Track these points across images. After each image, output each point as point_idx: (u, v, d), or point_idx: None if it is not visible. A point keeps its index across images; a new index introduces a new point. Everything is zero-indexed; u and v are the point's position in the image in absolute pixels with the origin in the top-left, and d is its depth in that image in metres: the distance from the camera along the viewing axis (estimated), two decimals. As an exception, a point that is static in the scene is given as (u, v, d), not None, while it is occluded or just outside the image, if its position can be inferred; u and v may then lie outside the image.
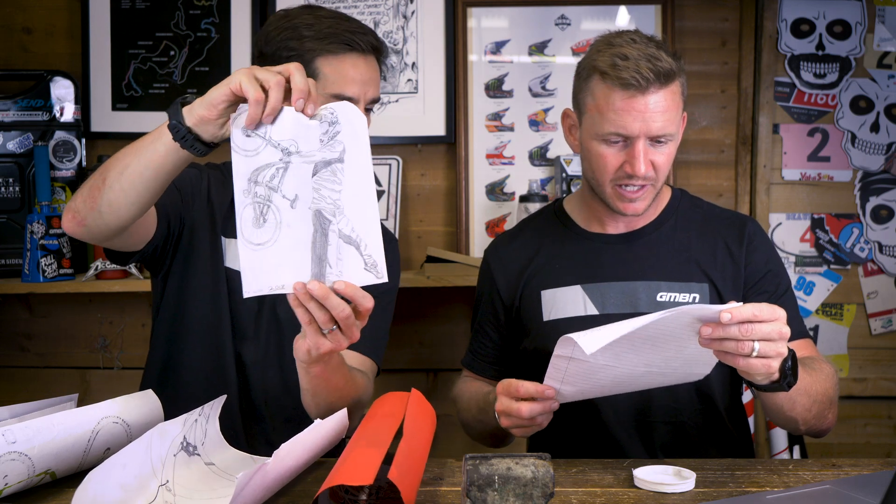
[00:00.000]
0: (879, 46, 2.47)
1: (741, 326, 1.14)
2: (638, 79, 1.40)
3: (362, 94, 1.53)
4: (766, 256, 1.57)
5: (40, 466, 1.16)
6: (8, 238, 2.38)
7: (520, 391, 1.30)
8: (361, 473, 1.00)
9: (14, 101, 2.42)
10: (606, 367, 1.24)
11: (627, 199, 1.49)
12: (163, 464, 1.15)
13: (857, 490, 1.18)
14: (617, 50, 1.44)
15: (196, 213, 1.60)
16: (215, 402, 1.29)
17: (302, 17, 1.53)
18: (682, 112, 1.50)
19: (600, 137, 1.47)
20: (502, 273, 1.65)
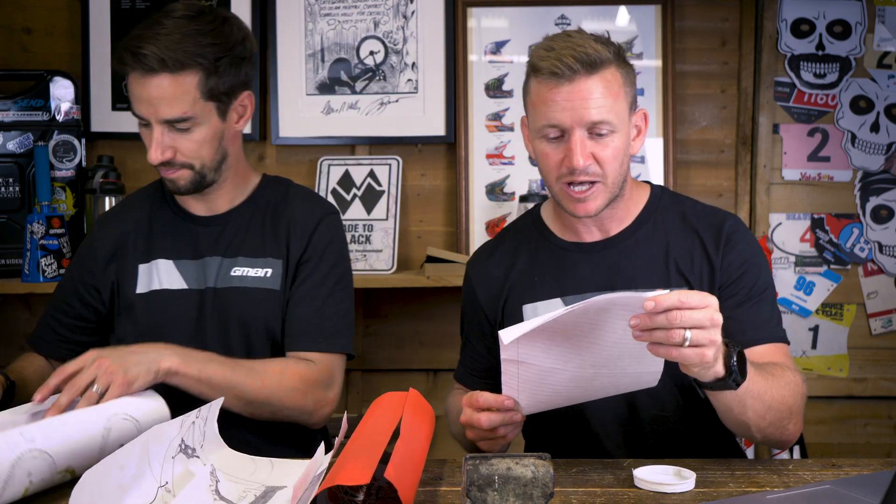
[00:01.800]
0: (879, 46, 2.47)
1: (669, 314, 1.10)
2: (560, 67, 1.38)
3: (151, 113, 1.51)
4: (742, 257, 1.50)
5: (61, 464, 1.18)
6: (8, 238, 2.38)
7: (479, 402, 1.29)
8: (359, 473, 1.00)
9: (14, 101, 2.42)
10: (555, 371, 1.23)
11: (575, 199, 1.45)
12: (161, 466, 1.15)
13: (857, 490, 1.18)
14: (546, 43, 1.43)
15: (102, 274, 1.65)
16: (213, 405, 1.29)
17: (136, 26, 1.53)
18: (626, 103, 1.44)
19: (539, 134, 1.44)
20: (483, 288, 1.61)
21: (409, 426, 1.19)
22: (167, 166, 1.55)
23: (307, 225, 1.65)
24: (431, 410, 1.35)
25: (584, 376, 1.26)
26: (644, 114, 1.52)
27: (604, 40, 1.43)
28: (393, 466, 1.03)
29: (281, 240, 1.64)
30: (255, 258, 1.62)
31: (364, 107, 2.50)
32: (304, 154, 2.53)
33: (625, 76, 1.44)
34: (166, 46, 1.47)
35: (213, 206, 1.66)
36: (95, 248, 1.67)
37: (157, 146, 1.52)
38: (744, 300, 1.48)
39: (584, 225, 1.54)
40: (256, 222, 1.65)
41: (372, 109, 2.50)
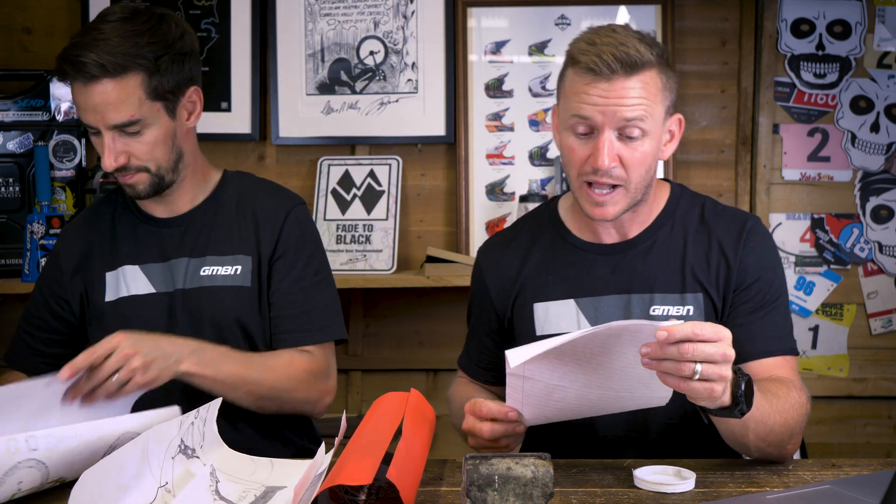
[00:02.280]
0: (879, 46, 2.47)
1: (680, 347, 1.08)
2: (598, 64, 1.34)
3: (99, 120, 1.49)
4: (760, 261, 1.47)
5: (54, 474, 1.17)
6: (8, 238, 2.38)
7: (483, 411, 1.27)
8: (360, 473, 1.00)
9: (14, 101, 2.42)
10: (560, 388, 1.21)
11: (595, 202, 1.41)
12: (160, 466, 1.15)
13: (857, 490, 1.18)
14: (588, 36, 1.39)
15: (69, 285, 1.63)
16: (210, 405, 1.29)
17: (74, 35, 1.51)
18: (664, 109, 1.41)
19: (567, 126, 1.40)
20: (494, 280, 1.58)
21: (411, 427, 1.19)
22: (123, 172, 1.53)
23: (275, 219, 1.64)
24: (432, 411, 1.35)
25: (591, 396, 1.24)
26: (679, 119, 1.47)
27: (649, 41, 1.39)
28: (395, 467, 1.03)
29: (249, 235, 1.62)
30: (224, 256, 1.61)
31: (364, 107, 2.50)
32: (304, 154, 2.53)
33: (665, 80, 1.40)
34: (105, 51, 1.45)
35: (175, 207, 1.64)
36: (61, 260, 1.65)
37: (109, 153, 1.50)
38: (756, 307, 1.45)
39: (602, 226, 1.50)
40: (221, 219, 1.64)
41: (372, 109, 2.50)
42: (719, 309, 1.47)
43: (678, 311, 1.45)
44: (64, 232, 1.72)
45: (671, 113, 1.45)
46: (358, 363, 2.57)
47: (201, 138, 2.61)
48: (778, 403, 1.30)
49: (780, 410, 1.29)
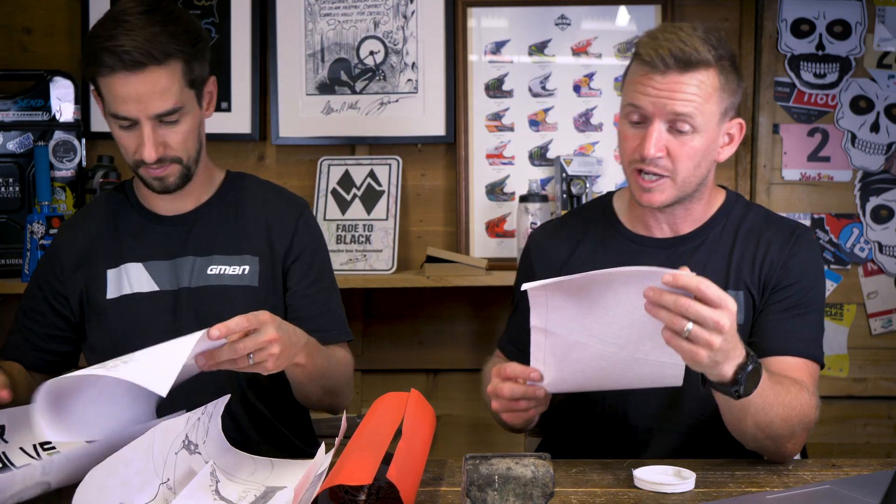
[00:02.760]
0: (879, 46, 2.47)
1: (678, 300, 1.12)
2: (654, 57, 1.39)
3: (140, 111, 1.47)
4: (803, 266, 1.49)
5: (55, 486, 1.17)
6: (8, 238, 2.38)
7: (507, 371, 1.30)
8: (360, 473, 1.00)
9: (14, 101, 2.42)
10: (579, 345, 1.24)
11: (641, 188, 1.45)
12: (164, 462, 1.15)
13: (856, 490, 1.18)
14: (653, 31, 1.44)
15: (69, 282, 1.62)
16: (218, 402, 1.29)
17: (102, 25, 1.48)
18: (718, 108, 1.44)
19: (623, 114, 1.47)
20: (542, 263, 1.61)
21: (411, 427, 1.19)
22: (158, 164, 1.52)
23: (287, 223, 1.65)
24: (432, 411, 1.35)
25: (607, 356, 1.25)
26: (741, 124, 1.51)
27: (713, 42, 1.42)
28: (395, 467, 1.03)
29: (259, 237, 1.63)
30: (231, 256, 1.61)
31: (364, 107, 2.50)
32: (304, 154, 2.53)
33: (724, 82, 1.44)
34: (147, 39, 1.44)
35: (180, 205, 1.63)
36: (61, 256, 1.63)
37: (151, 144, 1.48)
38: (789, 307, 1.47)
39: (655, 220, 1.54)
40: (227, 220, 1.64)
41: (372, 109, 2.50)
42: (757, 305, 1.50)
43: None
44: (63, 228, 1.71)
45: (731, 116, 1.49)
46: (358, 363, 2.55)
47: (201, 138, 2.60)
48: (784, 397, 1.30)
49: (784, 404, 1.29)
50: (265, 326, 1.29)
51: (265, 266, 1.62)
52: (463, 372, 2.55)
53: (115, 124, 1.50)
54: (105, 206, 1.69)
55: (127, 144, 1.51)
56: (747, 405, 1.24)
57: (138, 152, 1.50)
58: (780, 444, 1.34)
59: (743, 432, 1.32)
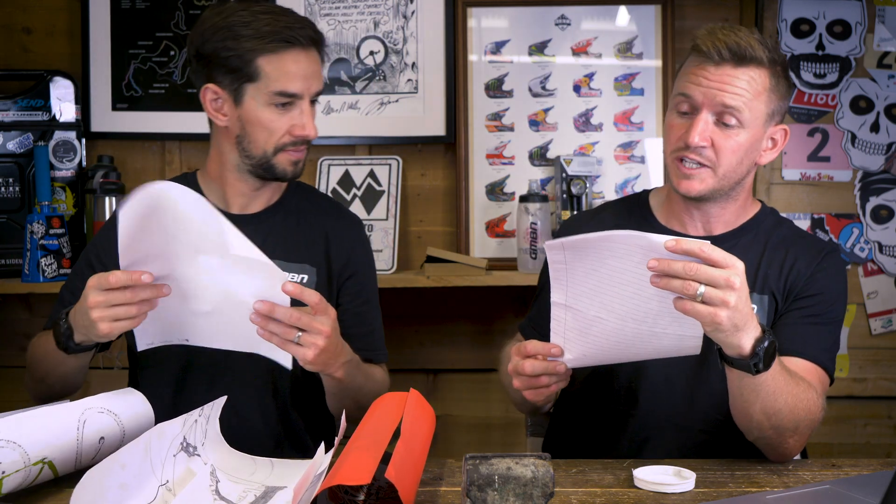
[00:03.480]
0: (879, 46, 2.47)
1: (686, 265, 1.13)
2: (710, 49, 1.41)
3: (306, 88, 1.54)
4: (829, 281, 1.51)
5: (34, 454, 1.16)
6: (8, 238, 2.38)
7: (528, 348, 1.32)
8: (359, 473, 1.00)
9: (14, 101, 2.42)
10: (598, 320, 1.26)
11: (682, 175, 1.46)
12: (162, 464, 1.15)
13: (856, 490, 1.18)
14: (712, 27, 1.46)
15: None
16: (215, 403, 1.29)
17: (237, 14, 1.52)
18: (766, 108, 1.46)
19: (672, 105, 1.48)
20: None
21: (410, 426, 1.19)
22: (304, 144, 1.58)
23: (346, 240, 1.68)
24: (432, 411, 1.35)
25: (626, 331, 1.27)
26: (785, 130, 1.53)
27: (769, 45, 1.45)
28: (394, 467, 1.03)
29: (318, 249, 1.65)
30: (291, 263, 1.62)
31: (364, 107, 2.50)
32: (304, 154, 2.53)
33: (775, 84, 1.46)
34: (306, 25, 1.54)
35: (251, 205, 1.65)
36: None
37: (312, 121, 1.56)
38: (809, 316, 1.48)
39: (689, 216, 1.55)
40: (288, 227, 1.66)
41: (372, 109, 2.50)
42: (780, 310, 1.51)
43: None
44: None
45: (777, 121, 1.51)
46: (358, 363, 2.57)
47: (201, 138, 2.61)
48: (794, 388, 1.31)
49: (793, 394, 1.31)
50: (325, 318, 1.33)
51: (322, 278, 1.64)
52: (463, 372, 2.55)
53: (270, 105, 1.54)
54: None
55: (277, 126, 1.55)
56: (758, 387, 1.25)
57: (294, 131, 1.55)
58: (783, 438, 1.34)
59: (749, 418, 1.32)
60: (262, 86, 1.51)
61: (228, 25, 1.50)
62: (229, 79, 1.53)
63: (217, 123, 1.59)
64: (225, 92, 1.55)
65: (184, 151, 2.54)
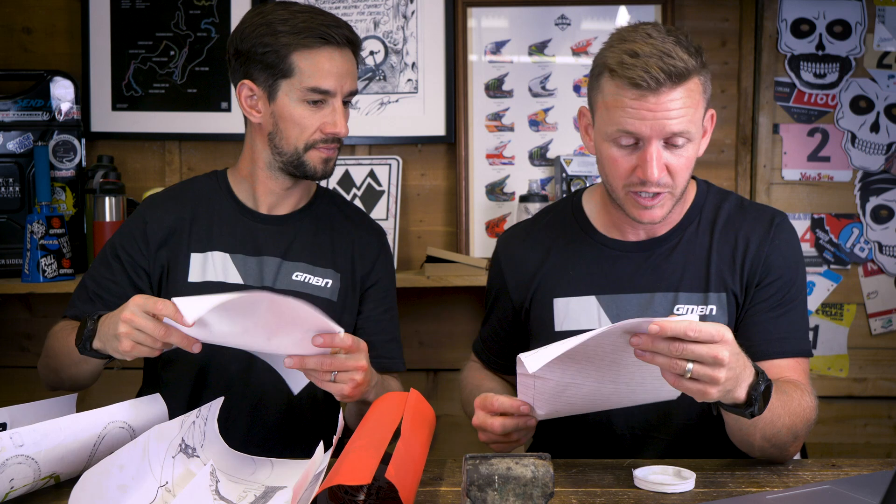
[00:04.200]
0: (879, 46, 2.47)
1: (671, 344, 1.09)
2: (646, 79, 1.30)
3: (339, 86, 1.55)
4: (784, 258, 1.47)
5: (46, 470, 1.16)
6: (8, 238, 2.38)
7: (494, 405, 1.28)
8: (359, 473, 1.00)
9: (14, 101, 2.41)
10: (573, 385, 1.22)
11: (642, 207, 1.40)
12: (161, 465, 1.15)
13: (856, 490, 1.18)
14: (627, 46, 1.34)
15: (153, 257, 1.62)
16: (212, 405, 1.29)
17: (276, 13, 1.55)
18: (703, 111, 1.40)
19: (610, 138, 1.38)
20: (513, 273, 1.58)
21: (410, 426, 1.19)
22: (336, 143, 1.59)
23: (371, 248, 1.70)
24: (432, 411, 1.35)
25: (603, 391, 1.24)
26: (712, 114, 1.46)
27: (685, 44, 1.35)
28: (394, 466, 1.03)
29: (343, 256, 1.66)
30: (316, 267, 1.63)
31: (364, 107, 2.50)
32: (304, 154, 2.53)
33: (704, 83, 1.39)
34: (343, 25, 1.56)
35: (279, 206, 1.66)
36: (148, 230, 1.63)
37: (343, 119, 1.57)
38: (775, 305, 1.45)
39: (631, 225, 1.49)
40: (317, 231, 1.67)
41: (372, 109, 2.50)
42: (741, 304, 1.48)
43: (701, 310, 1.45)
44: (151, 204, 1.70)
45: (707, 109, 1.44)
46: (358, 363, 2.57)
47: (201, 138, 2.62)
48: (789, 405, 1.30)
49: (790, 413, 1.29)
50: (360, 354, 1.34)
51: (346, 284, 1.65)
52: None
53: (303, 101, 1.56)
54: (198, 190, 1.69)
55: (309, 123, 1.56)
56: (757, 422, 1.24)
57: (324, 130, 1.57)
58: (784, 450, 1.34)
59: (751, 445, 1.32)
60: (296, 82, 1.54)
61: (267, 22, 1.53)
62: (265, 75, 1.56)
63: (251, 120, 1.61)
64: (260, 88, 1.57)
65: (184, 151, 2.54)
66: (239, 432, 1.47)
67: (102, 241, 2.24)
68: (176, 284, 1.60)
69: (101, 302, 1.59)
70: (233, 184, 1.68)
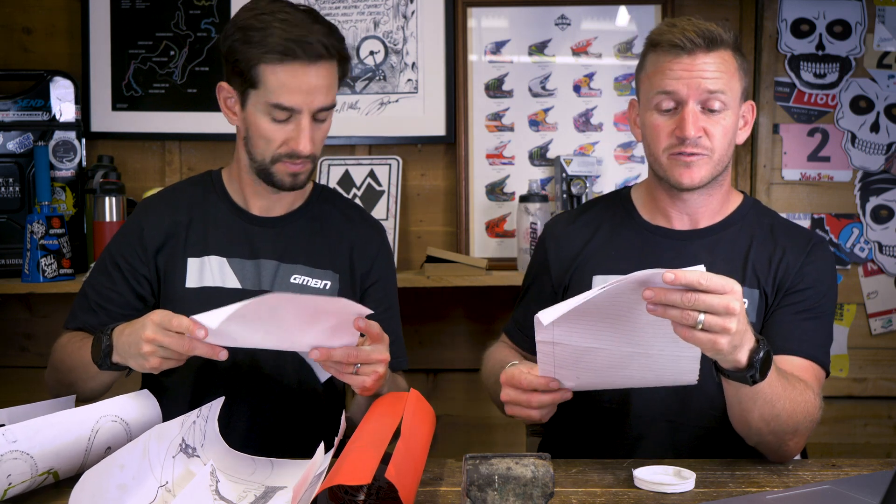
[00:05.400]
0: (879, 46, 2.47)
1: (684, 295, 1.11)
2: (682, 40, 1.42)
3: (305, 103, 1.48)
4: (818, 273, 1.51)
5: (42, 465, 1.16)
6: (8, 238, 2.38)
7: (523, 383, 1.29)
8: (359, 473, 1.00)
9: (14, 101, 2.42)
10: (590, 351, 1.22)
11: (682, 164, 1.46)
12: (161, 465, 1.15)
13: (856, 490, 1.18)
14: (667, 21, 1.49)
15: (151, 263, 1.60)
16: (213, 405, 1.29)
17: (257, 18, 1.49)
18: (740, 87, 1.48)
19: (652, 104, 1.47)
20: (557, 252, 1.62)
21: (410, 426, 1.19)
22: (303, 158, 1.53)
23: (370, 247, 1.67)
24: (432, 411, 1.35)
25: (621, 355, 1.24)
26: (752, 105, 1.55)
27: (724, 28, 1.47)
28: (394, 466, 1.03)
29: (341, 256, 1.64)
30: (314, 269, 1.62)
31: (364, 107, 2.50)
32: (304, 154, 2.53)
33: (741, 62, 1.49)
34: (324, 34, 1.47)
35: (274, 208, 1.64)
36: (145, 235, 1.61)
37: (307, 136, 1.50)
38: (801, 311, 1.48)
39: (676, 210, 1.55)
40: (313, 232, 1.65)
41: (372, 109, 2.50)
42: (770, 306, 1.51)
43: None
44: (145, 208, 1.67)
45: (745, 98, 1.52)
46: (358, 363, 2.57)
47: (201, 138, 2.61)
48: (791, 392, 1.30)
49: (790, 398, 1.30)
50: (382, 346, 1.33)
51: (345, 284, 1.63)
52: (463, 372, 2.55)
53: (268, 115, 1.50)
54: (193, 192, 1.67)
55: (275, 136, 1.51)
56: (756, 395, 1.25)
57: (288, 145, 1.51)
58: (783, 441, 1.34)
59: (748, 424, 1.31)
60: (262, 95, 1.49)
61: (245, 27, 1.48)
62: (238, 81, 1.52)
63: (229, 122, 1.59)
64: (236, 92, 1.54)
65: (184, 151, 2.54)
66: (239, 434, 1.47)
67: (103, 242, 2.24)
68: (174, 290, 1.58)
69: (104, 312, 1.58)
70: (227, 184, 1.67)
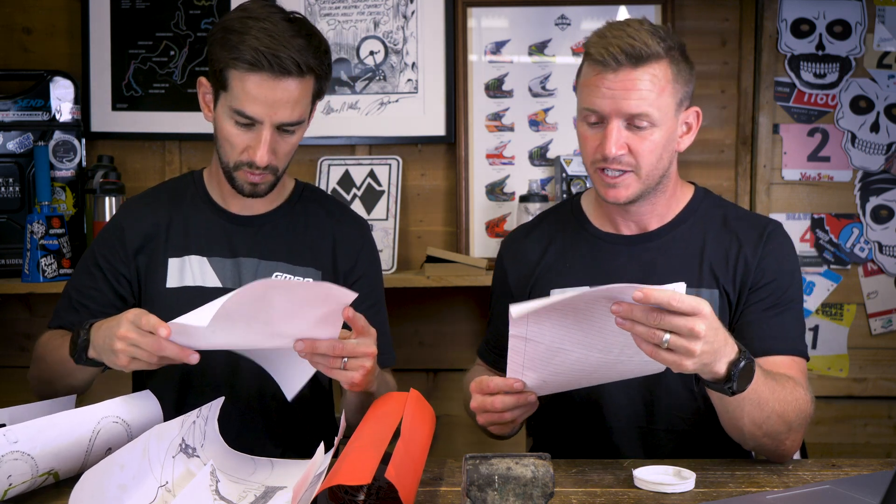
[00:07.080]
0: (879, 46, 2.47)
1: (649, 313, 1.10)
2: (605, 56, 1.39)
3: (266, 115, 1.47)
4: (778, 263, 1.49)
5: (43, 466, 1.16)
6: (8, 238, 2.38)
7: (490, 386, 1.29)
8: (359, 473, 1.00)
9: (14, 101, 2.42)
10: (561, 351, 1.23)
11: (606, 184, 1.45)
12: (161, 465, 1.15)
13: (856, 490, 1.18)
14: (601, 30, 1.45)
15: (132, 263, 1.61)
16: (212, 405, 1.29)
17: (242, 22, 1.48)
18: (674, 99, 1.44)
19: (581, 117, 1.47)
20: (514, 269, 1.62)
21: (410, 426, 1.19)
22: (261, 169, 1.52)
23: (353, 243, 1.67)
24: (432, 411, 1.35)
25: (591, 360, 1.25)
26: (697, 112, 1.52)
27: (661, 34, 1.43)
28: (393, 466, 1.03)
29: (323, 252, 1.64)
30: (296, 266, 1.61)
31: (364, 107, 2.50)
32: (304, 154, 2.53)
33: (676, 73, 1.44)
34: (298, 50, 1.46)
35: (252, 206, 1.63)
36: (125, 236, 1.62)
37: (266, 149, 1.49)
38: (770, 307, 1.47)
39: (622, 218, 1.54)
40: (294, 229, 1.65)
41: (372, 109, 2.50)
42: (734, 305, 1.49)
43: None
44: (127, 209, 1.68)
45: (686, 106, 1.49)
46: (358, 363, 2.57)
47: (201, 138, 2.61)
48: (779, 392, 1.30)
49: (779, 399, 1.29)
50: (369, 339, 1.32)
51: (327, 280, 1.62)
52: (463, 372, 2.54)
53: (232, 120, 1.50)
54: (174, 193, 1.67)
55: (237, 142, 1.51)
56: (742, 402, 1.25)
57: (248, 153, 1.51)
58: (779, 441, 1.34)
59: (740, 431, 1.32)
60: (229, 98, 1.48)
61: (227, 28, 1.48)
62: (213, 80, 1.53)
63: (205, 118, 1.58)
64: (212, 90, 1.54)
65: (184, 151, 2.54)
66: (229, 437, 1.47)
67: (102, 241, 2.24)
68: (155, 290, 1.59)
69: (85, 311, 1.58)
70: (207, 184, 1.66)
